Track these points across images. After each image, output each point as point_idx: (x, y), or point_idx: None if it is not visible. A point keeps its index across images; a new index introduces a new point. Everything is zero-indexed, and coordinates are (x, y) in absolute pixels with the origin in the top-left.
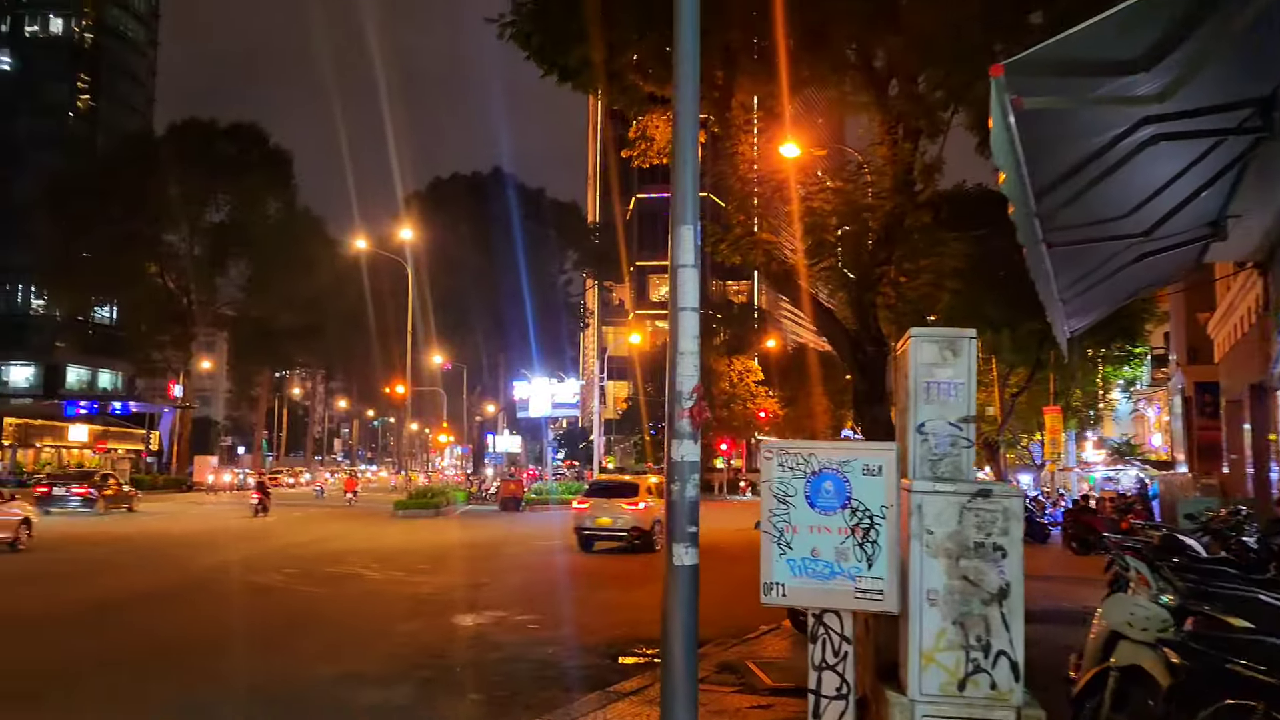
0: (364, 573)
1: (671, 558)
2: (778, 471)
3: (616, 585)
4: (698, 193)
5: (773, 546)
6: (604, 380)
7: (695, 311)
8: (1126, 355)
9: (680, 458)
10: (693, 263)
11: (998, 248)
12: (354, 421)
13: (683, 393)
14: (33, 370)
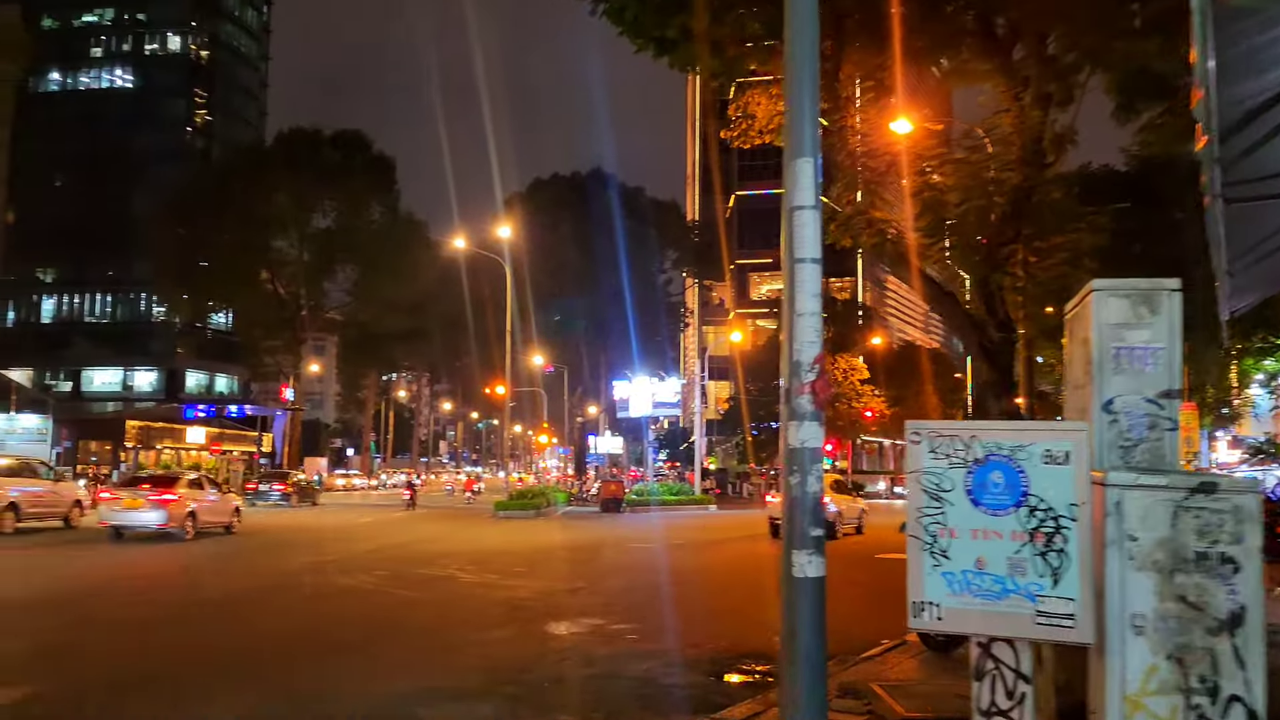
0: (458, 575)
1: (791, 568)
2: (929, 459)
3: (721, 591)
4: (817, 119)
5: (923, 556)
6: (705, 380)
7: (816, 264)
8: (1270, 347)
9: (800, 443)
10: (812, 204)
11: (1129, 229)
12: (459, 424)
13: (802, 363)
14: (155, 375)
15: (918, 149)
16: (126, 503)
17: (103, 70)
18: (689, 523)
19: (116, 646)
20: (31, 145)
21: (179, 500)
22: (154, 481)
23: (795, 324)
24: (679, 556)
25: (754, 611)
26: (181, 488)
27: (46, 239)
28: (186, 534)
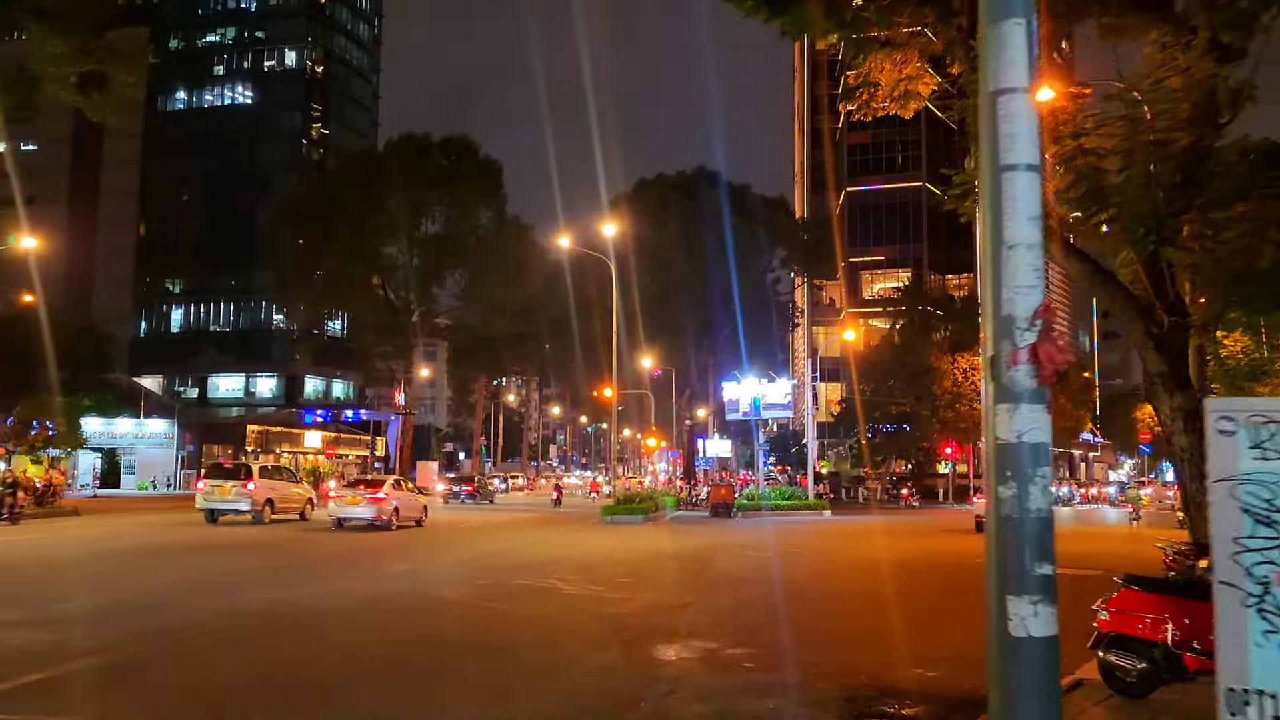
0: (560, 586)
1: (1006, 621)
2: (1252, 459)
3: (848, 608)
4: None
5: (1246, 616)
6: (817, 381)
7: (1034, 172)
8: None
9: (1015, 436)
10: (1024, 85)
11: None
12: (568, 428)
13: (1015, 318)
14: (275, 381)
15: (1069, 109)
16: (349, 500)
17: (224, 87)
18: (803, 529)
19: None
20: (160, 162)
21: (386, 499)
22: (367, 484)
23: (1003, 261)
24: (796, 567)
25: (890, 635)
26: (387, 489)
27: (174, 251)
28: (391, 525)
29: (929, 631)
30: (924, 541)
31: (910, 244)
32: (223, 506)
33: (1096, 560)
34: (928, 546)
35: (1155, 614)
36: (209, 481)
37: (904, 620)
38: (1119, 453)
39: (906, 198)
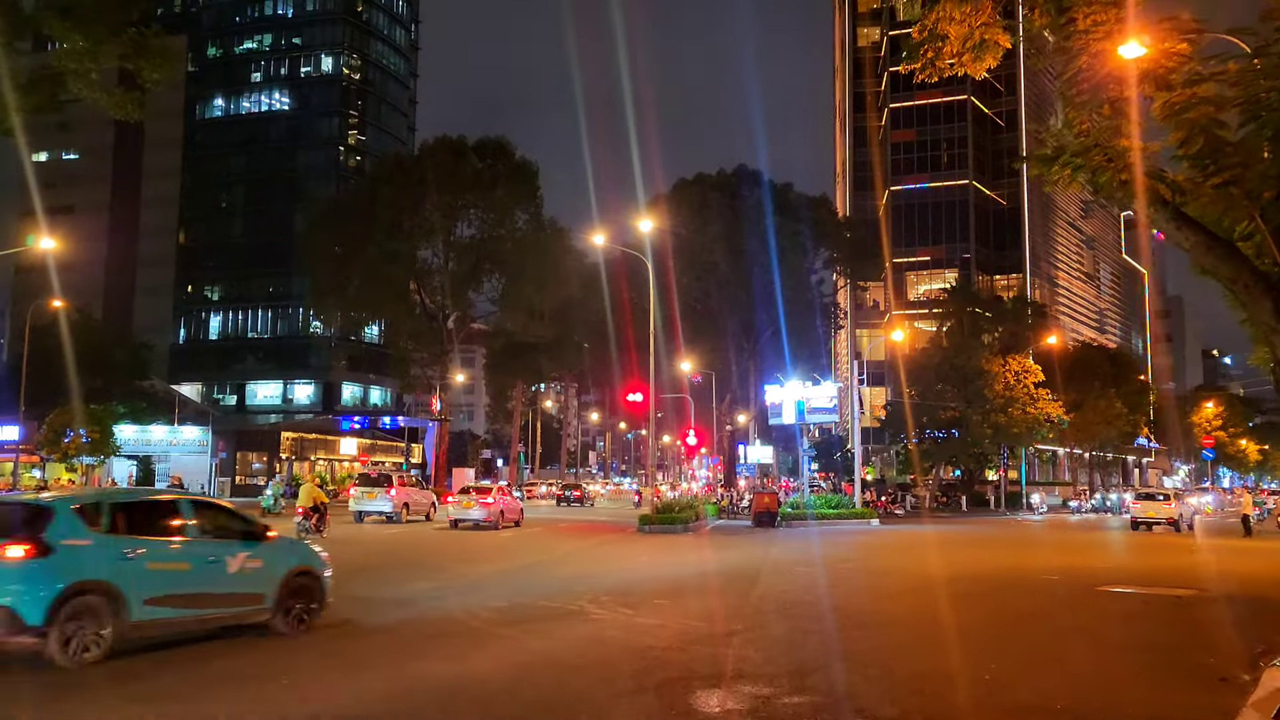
0: (590, 609)
1: None
2: None
3: (925, 640)
4: None
5: None
6: (863, 384)
7: None
8: None
9: None
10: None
11: None
12: (607, 434)
13: None
14: (313, 388)
15: (1183, 51)
16: (465, 504)
17: (262, 94)
18: (853, 540)
19: None
20: (199, 169)
21: (495, 503)
22: (478, 490)
23: None
24: (851, 586)
25: (977, 674)
26: (494, 494)
27: (213, 258)
28: (498, 525)
29: (1022, 670)
30: (985, 555)
31: (957, 243)
32: (370, 508)
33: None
34: (991, 561)
35: None
36: (360, 488)
37: (987, 654)
38: (1174, 458)
39: (953, 196)
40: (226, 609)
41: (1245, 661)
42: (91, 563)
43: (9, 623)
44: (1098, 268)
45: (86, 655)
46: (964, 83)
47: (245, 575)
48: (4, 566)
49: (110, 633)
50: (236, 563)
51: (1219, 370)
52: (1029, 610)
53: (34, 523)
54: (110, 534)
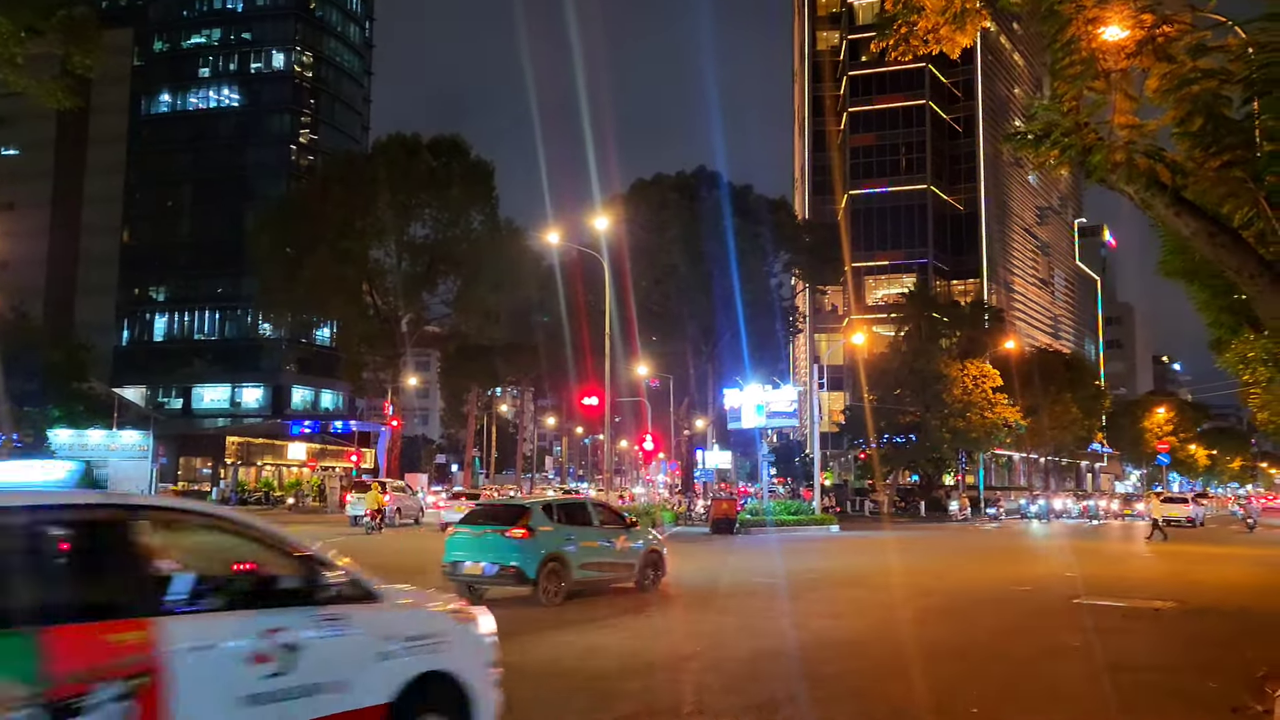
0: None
1: None
2: None
3: (894, 663)
4: None
5: None
6: (823, 389)
7: None
8: None
9: None
10: None
11: None
12: (564, 439)
13: None
14: (262, 391)
15: (1184, 20)
16: (456, 508)
17: (210, 90)
18: (814, 547)
19: None
20: (145, 166)
21: None
22: (468, 495)
23: None
24: (818, 599)
25: (969, 710)
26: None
27: (159, 258)
28: None
29: (1009, 697)
30: (951, 564)
31: (915, 248)
32: (363, 512)
33: (1172, 586)
34: (958, 570)
35: None
36: (354, 495)
37: (970, 679)
38: (1125, 463)
39: (911, 201)
40: (614, 575)
41: (1248, 685)
42: (553, 541)
43: (519, 577)
44: (1052, 274)
45: (555, 598)
46: (922, 87)
47: (624, 551)
48: (514, 542)
49: (564, 586)
50: (620, 543)
51: (1168, 376)
52: (1007, 626)
53: (521, 516)
54: (559, 524)
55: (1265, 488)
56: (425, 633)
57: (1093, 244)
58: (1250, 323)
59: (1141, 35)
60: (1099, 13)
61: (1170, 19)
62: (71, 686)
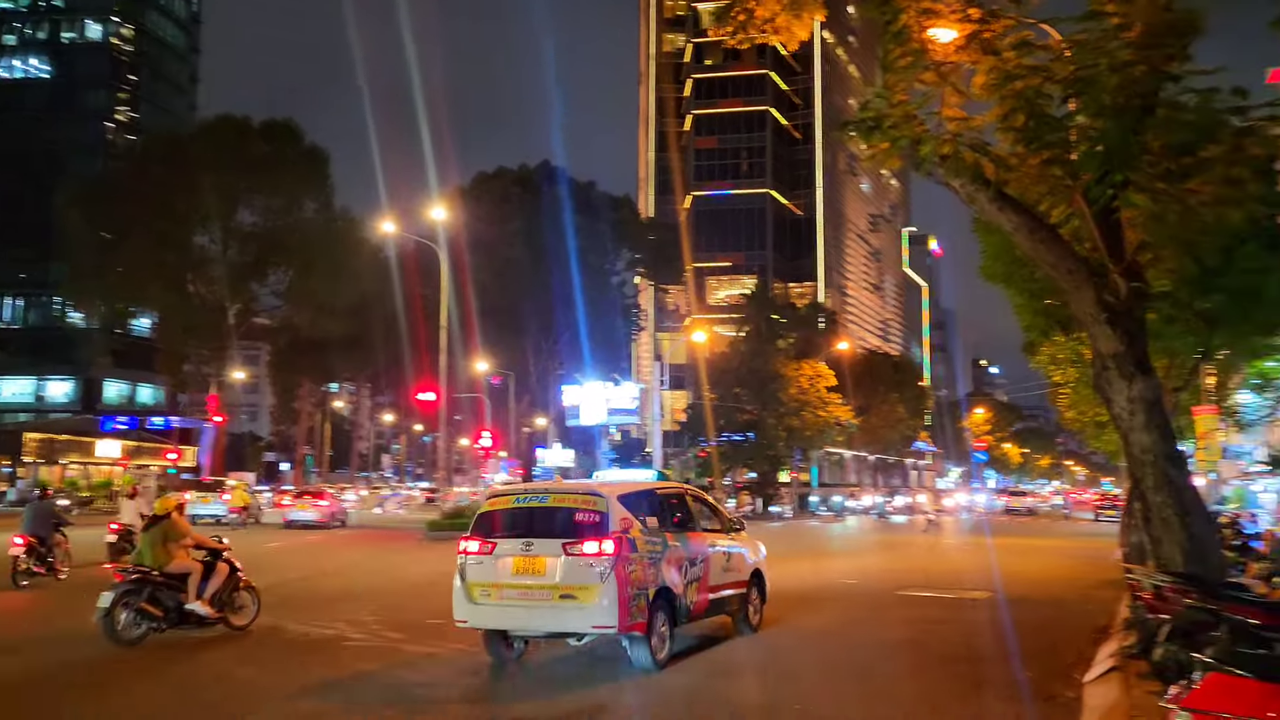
0: (348, 635)
1: None
2: None
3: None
4: None
5: None
6: (665, 386)
7: None
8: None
9: None
10: None
11: None
12: (402, 437)
13: None
14: (71, 385)
15: (1010, 19)
16: (298, 506)
17: (16, 59)
18: None
19: None
20: None
21: (330, 504)
22: (312, 494)
23: None
24: None
25: (793, 707)
26: (328, 498)
27: None
28: (330, 525)
29: (838, 692)
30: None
31: (755, 251)
32: (204, 512)
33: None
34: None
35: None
36: (194, 493)
37: (789, 676)
38: (947, 461)
39: (752, 204)
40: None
41: (1060, 673)
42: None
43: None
44: (883, 279)
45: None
46: (765, 93)
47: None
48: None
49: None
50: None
51: (986, 379)
52: (833, 620)
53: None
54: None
55: (1070, 484)
56: (754, 549)
57: (920, 252)
58: (1061, 326)
59: (970, 29)
60: (931, 4)
61: (997, 14)
62: None
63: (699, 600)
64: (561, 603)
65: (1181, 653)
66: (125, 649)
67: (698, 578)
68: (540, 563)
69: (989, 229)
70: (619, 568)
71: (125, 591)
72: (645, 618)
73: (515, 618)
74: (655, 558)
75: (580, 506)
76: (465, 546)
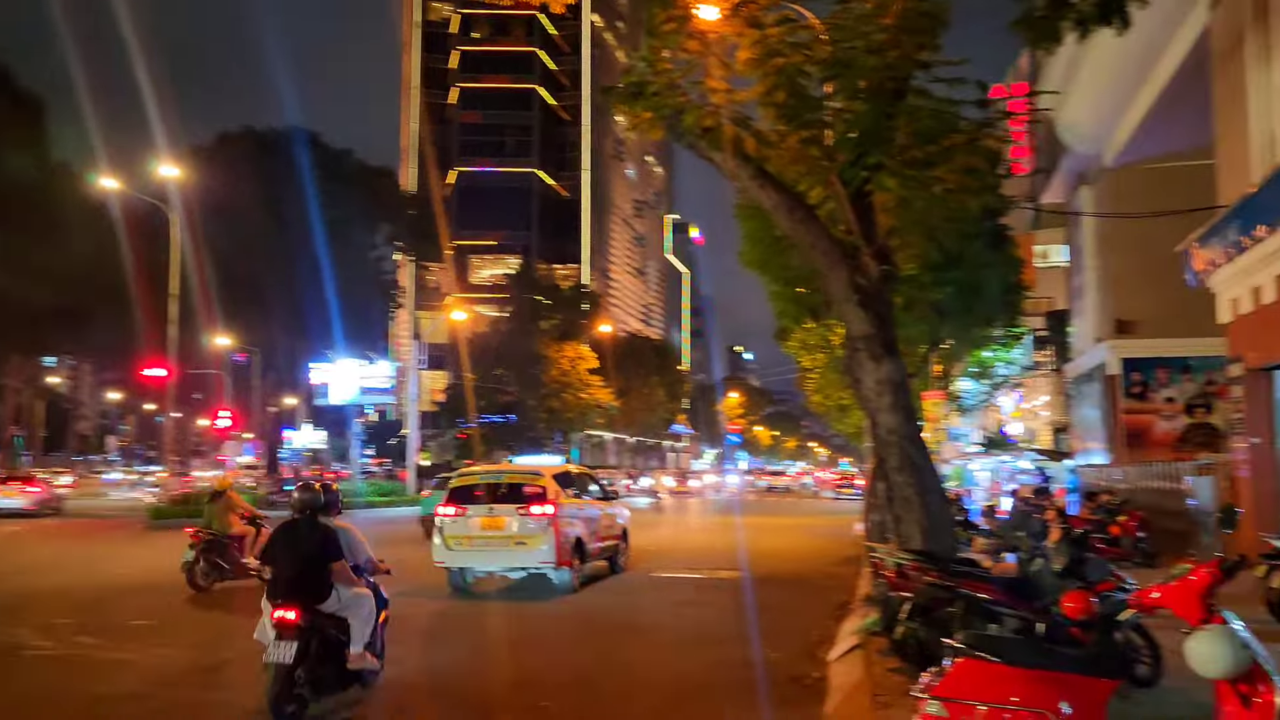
0: (31, 642)
1: None
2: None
3: (468, 664)
4: None
5: None
6: (423, 366)
7: None
8: (1012, 337)
9: None
10: None
11: None
12: (131, 417)
13: None
14: None
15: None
16: (4, 492)
17: None
18: (403, 533)
19: None
20: None
21: (41, 491)
22: (20, 479)
23: None
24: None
25: (540, 704)
26: (38, 484)
27: None
28: (44, 512)
29: (590, 696)
30: None
31: (520, 230)
32: None
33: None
34: None
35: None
36: None
37: (544, 669)
38: (703, 443)
39: (518, 183)
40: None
41: (805, 652)
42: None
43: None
44: (646, 264)
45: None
46: (533, 71)
47: (613, 525)
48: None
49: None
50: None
51: (740, 364)
52: (584, 606)
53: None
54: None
55: (813, 464)
56: (616, 515)
57: (682, 239)
58: (812, 313)
59: (735, 0)
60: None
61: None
62: None
63: (594, 548)
64: (516, 548)
65: (922, 629)
66: None
67: (594, 531)
68: (501, 521)
69: (748, 215)
70: (555, 524)
71: None
72: (569, 557)
73: (481, 559)
74: (573, 517)
75: (528, 482)
76: (443, 511)
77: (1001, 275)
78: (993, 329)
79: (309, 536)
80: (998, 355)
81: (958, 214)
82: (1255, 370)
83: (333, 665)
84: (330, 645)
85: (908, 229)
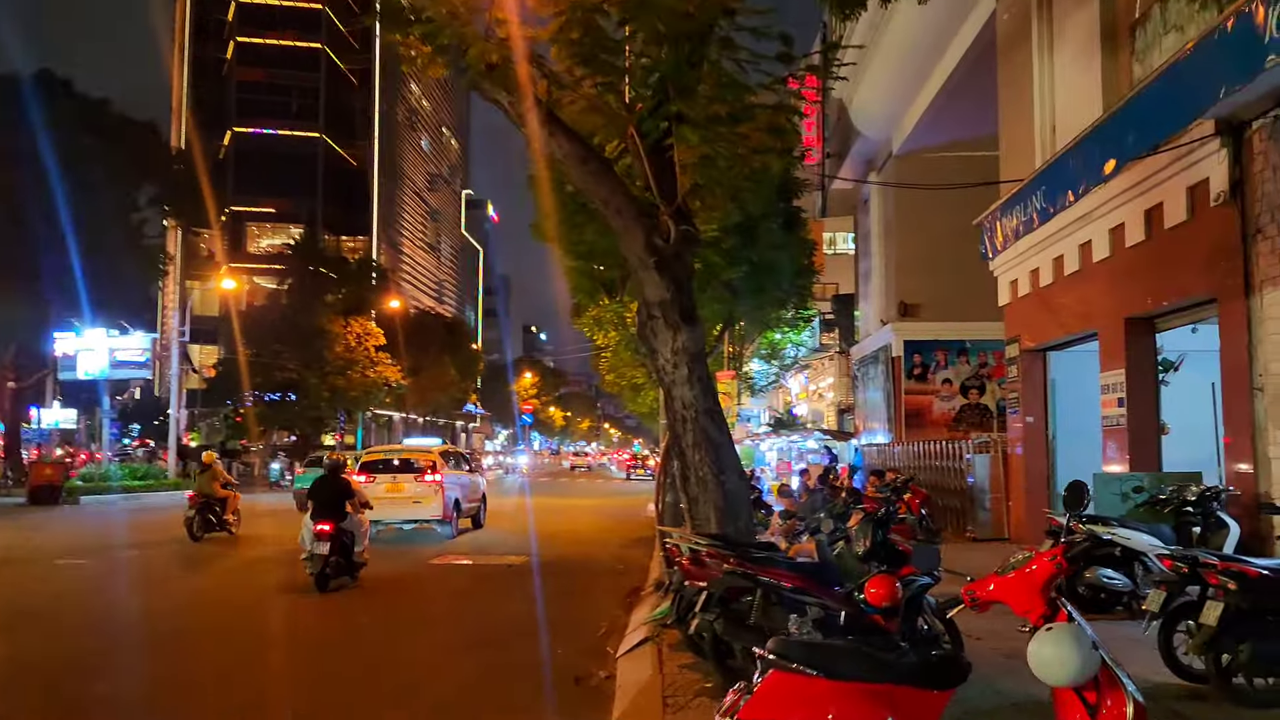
0: None
1: None
2: None
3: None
4: None
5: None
6: (186, 339)
7: None
8: (802, 320)
9: None
10: None
11: None
12: None
13: None
14: None
15: None
16: None
17: None
18: (158, 520)
19: None
20: None
21: None
22: None
23: None
24: (152, 592)
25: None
26: None
27: None
28: None
29: (358, 704)
30: None
31: (304, 199)
32: None
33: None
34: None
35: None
36: None
37: (316, 673)
38: (496, 423)
39: (302, 149)
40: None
41: (591, 647)
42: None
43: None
44: (440, 240)
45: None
46: (319, 30)
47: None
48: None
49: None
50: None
51: (535, 345)
52: (355, 599)
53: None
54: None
55: (606, 445)
56: (479, 483)
57: (478, 217)
58: (607, 290)
59: None
60: None
61: None
62: None
63: (465, 508)
64: (413, 506)
65: (718, 622)
66: None
67: (464, 494)
68: (401, 485)
69: (542, 187)
70: (442, 488)
71: None
72: (451, 513)
73: (387, 513)
74: (452, 483)
75: (420, 457)
76: (356, 479)
77: (794, 257)
78: (784, 310)
79: (334, 483)
80: (787, 337)
81: (760, 175)
82: (1031, 351)
83: (345, 558)
84: (345, 547)
85: (709, 188)
